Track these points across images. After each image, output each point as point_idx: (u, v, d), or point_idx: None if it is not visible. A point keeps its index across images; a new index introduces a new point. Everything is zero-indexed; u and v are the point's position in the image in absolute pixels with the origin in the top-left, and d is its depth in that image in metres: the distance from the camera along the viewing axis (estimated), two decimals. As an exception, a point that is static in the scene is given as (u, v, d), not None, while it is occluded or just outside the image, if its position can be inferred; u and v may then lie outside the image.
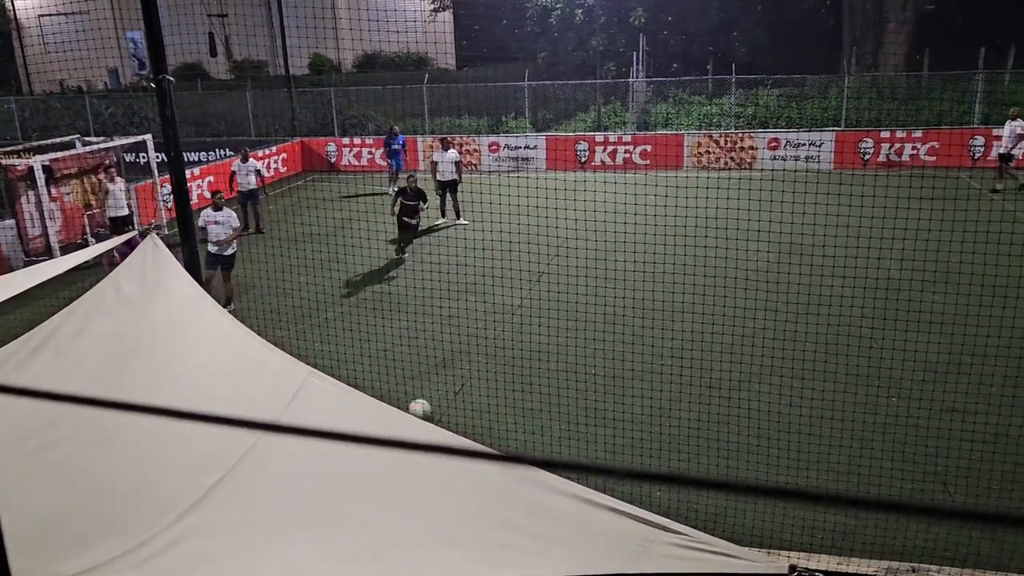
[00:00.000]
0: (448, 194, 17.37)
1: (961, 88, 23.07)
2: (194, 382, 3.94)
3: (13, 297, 4.52)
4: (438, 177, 17.32)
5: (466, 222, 16.97)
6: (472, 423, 8.44)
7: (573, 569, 2.73)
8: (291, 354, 4.38)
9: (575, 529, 2.90)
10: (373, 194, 20.97)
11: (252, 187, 17.55)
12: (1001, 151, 18.71)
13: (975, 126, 21.98)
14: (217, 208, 12.37)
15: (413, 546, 2.94)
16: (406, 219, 14.65)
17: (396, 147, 21.42)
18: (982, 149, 21.32)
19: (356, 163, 24.92)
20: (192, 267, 4.85)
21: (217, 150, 25.21)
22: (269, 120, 27.55)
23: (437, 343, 10.46)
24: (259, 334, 4.55)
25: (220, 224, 12.22)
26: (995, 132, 21.25)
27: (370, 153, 24.82)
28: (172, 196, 5.80)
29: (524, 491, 3.02)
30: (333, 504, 3.17)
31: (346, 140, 25.19)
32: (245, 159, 17.70)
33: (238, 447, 3.39)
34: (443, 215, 17.44)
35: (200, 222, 11.87)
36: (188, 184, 19.53)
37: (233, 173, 17.94)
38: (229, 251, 12.28)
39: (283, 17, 26.67)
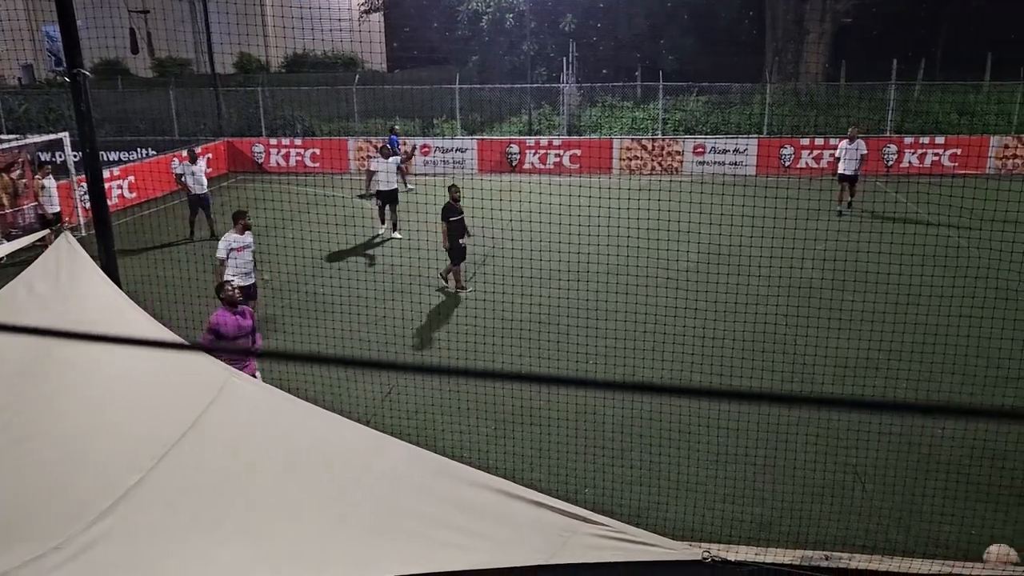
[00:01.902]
0: (388, 205, 16.19)
1: (875, 98, 24.08)
2: (111, 383, 3.85)
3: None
4: (379, 187, 16.04)
5: (400, 236, 16.01)
6: (402, 424, 8.42)
7: (496, 562, 2.78)
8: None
9: (497, 522, 2.95)
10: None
11: (206, 190, 16.85)
12: (845, 172, 17.41)
13: (888, 135, 22.94)
14: (245, 230, 10.56)
15: (336, 543, 2.94)
16: (462, 241, 12.68)
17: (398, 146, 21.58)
18: (895, 156, 22.28)
19: (284, 164, 24.53)
20: (110, 267, 4.72)
21: (139, 149, 24.47)
22: (194, 119, 26.86)
23: (366, 345, 10.39)
24: (184, 337, 4.48)
25: (249, 248, 10.65)
26: (906, 141, 22.25)
27: (299, 154, 24.46)
28: (88, 195, 5.64)
29: (446, 486, 3.06)
30: (254, 504, 3.15)
31: (274, 141, 24.77)
32: (194, 160, 16.91)
33: (157, 447, 3.33)
34: (383, 222, 16.33)
35: (221, 252, 10.41)
36: (107, 184, 18.92)
37: (179, 176, 17.10)
38: (248, 282, 10.56)
39: (207, 14, 26.06)
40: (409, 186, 20.91)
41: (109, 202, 19.04)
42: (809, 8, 27.77)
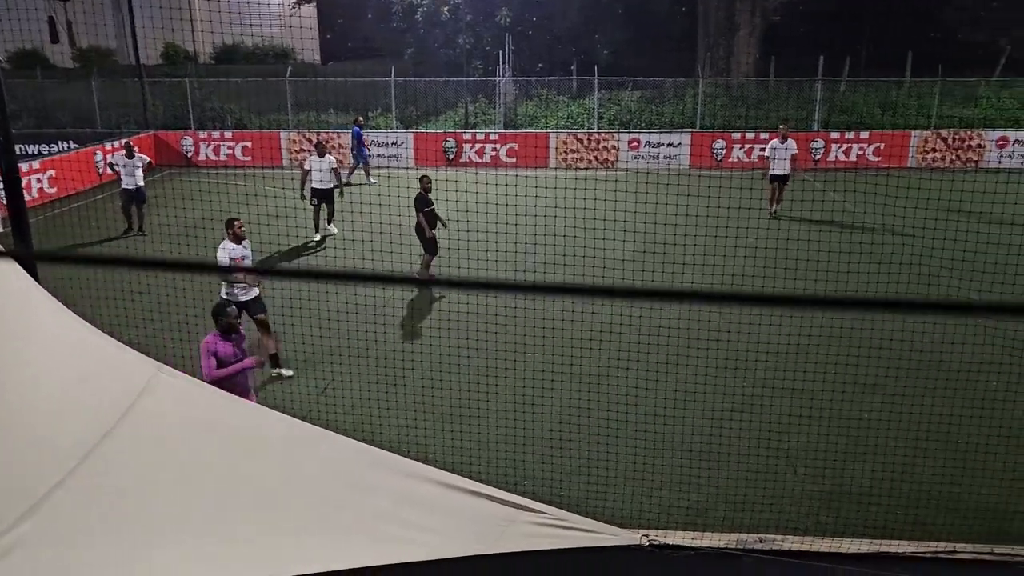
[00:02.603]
0: (324, 204, 15.66)
1: (803, 94, 24.72)
2: (29, 382, 3.67)
3: None
4: (314, 185, 15.43)
5: (335, 231, 15.77)
6: (339, 420, 8.30)
7: (435, 553, 2.75)
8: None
9: (436, 514, 2.91)
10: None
11: (140, 184, 16.32)
12: (776, 172, 16.91)
13: (816, 130, 23.59)
14: (238, 240, 9.83)
15: (271, 540, 2.87)
16: (430, 233, 12.70)
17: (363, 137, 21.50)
18: (822, 151, 22.93)
19: (215, 158, 23.92)
20: (27, 264, 4.50)
21: (60, 142, 23.52)
22: (118, 111, 25.95)
23: (300, 342, 10.20)
24: (113, 335, 4.30)
25: (247, 259, 10.00)
26: (832, 135, 22.92)
27: (229, 148, 23.88)
28: (3, 188, 5.37)
29: (384, 479, 3.01)
30: (186, 501, 3.04)
31: (203, 134, 24.12)
32: (131, 154, 16.36)
33: (79, 448, 3.18)
34: (317, 228, 15.78)
35: (223, 257, 9.65)
36: (25, 178, 18.17)
37: (111, 165, 16.61)
38: (253, 293, 9.71)
39: (131, 2, 25.19)
40: (372, 180, 20.85)
41: (28, 197, 18.33)
42: (739, 5, 28.35)
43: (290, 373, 9.71)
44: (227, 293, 9.45)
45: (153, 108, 25.45)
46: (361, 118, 22.02)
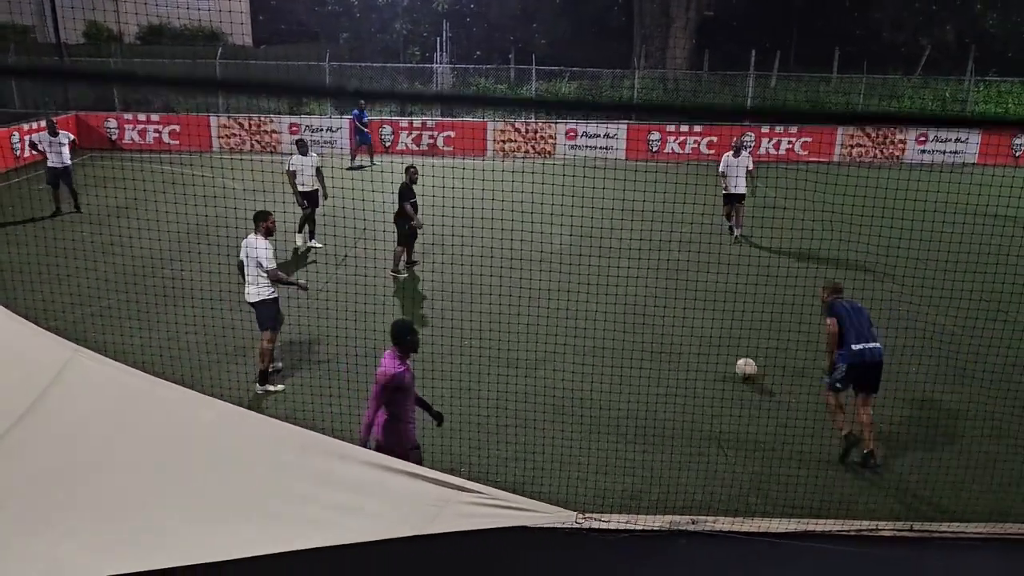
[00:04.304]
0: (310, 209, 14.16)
1: (735, 88, 25.24)
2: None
3: None
4: (300, 188, 13.91)
5: (320, 245, 14.19)
6: (274, 408, 8.12)
7: (367, 535, 2.69)
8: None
9: (368, 496, 2.86)
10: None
11: (67, 163, 15.63)
12: (734, 190, 15.14)
13: (746, 123, 24.10)
14: (269, 234, 8.91)
15: (193, 527, 2.77)
16: (415, 224, 12.56)
17: (366, 121, 21.13)
18: (752, 144, 23.44)
19: (141, 141, 23.15)
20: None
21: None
22: (37, 91, 24.85)
23: (231, 331, 9.94)
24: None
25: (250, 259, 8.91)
26: (763, 129, 23.45)
27: (156, 131, 23.13)
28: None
29: (313, 461, 2.94)
30: (103, 488, 2.92)
31: (129, 116, 23.30)
32: (54, 132, 15.66)
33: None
34: (312, 236, 14.39)
35: (271, 262, 8.80)
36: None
37: (34, 144, 15.90)
38: (265, 294, 8.92)
39: (52, -22, 24.15)
40: (375, 162, 20.91)
41: (-65, 177, 17.34)
42: (674, -2, 28.74)
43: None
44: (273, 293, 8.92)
45: (74, 89, 24.45)
46: (363, 100, 21.56)
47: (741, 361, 9.35)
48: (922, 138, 23.57)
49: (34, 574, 2.62)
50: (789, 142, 23.51)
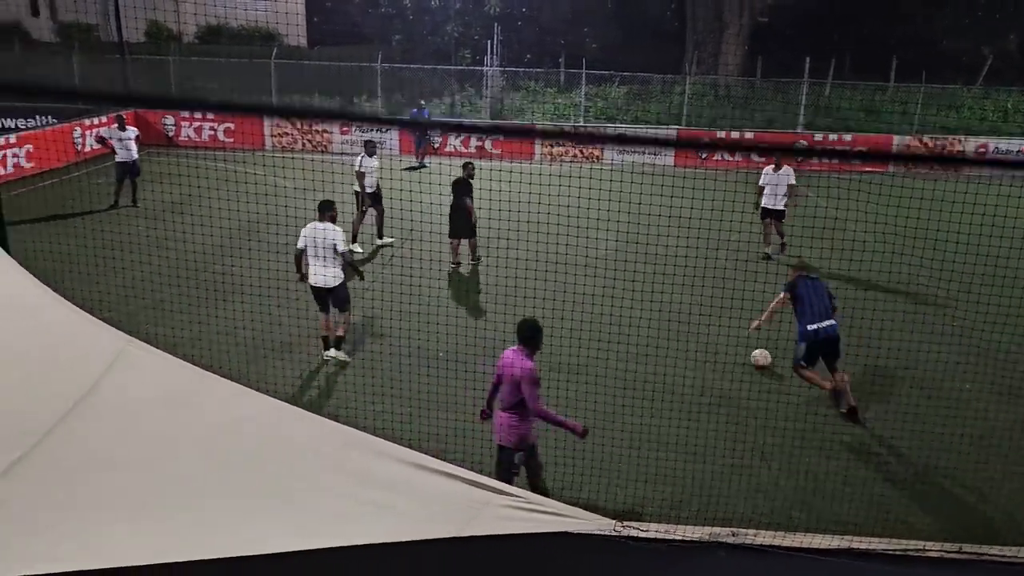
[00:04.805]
0: (375, 208, 14.29)
1: (789, 95, 24.84)
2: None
3: None
4: (367, 189, 14.04)
5: (392, 240, 14.45)
6: (317, 403, 8.23)
7: (406, 534, 2.71)
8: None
9: (407, 494, 2.87)
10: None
11: (135, 158, 16.18)
12: (769, 206, 14.31)
13: (799, 131, 23.71)
14: (324, 219, 9.40)
15: (238, 517, 2.82)
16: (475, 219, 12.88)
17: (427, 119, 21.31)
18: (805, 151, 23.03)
19: (196, 138, 23.66)
20: (-3, 231, 4.41)
21: (38, 117, 23.15)
22: (100, 88, 25.59)
23: (278, 327, 10.10)
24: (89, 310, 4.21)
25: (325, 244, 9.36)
26: (816, 137, 23.04)
27: (212, 129, 23.63)
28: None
29: (356, 458, 2.97)
30: (152, 475, 2.99)
31: (186, 114, 23.83)
32: (123, 127, 16.23)
33: (42, 423, 3.11)
34: (380, 235, 14.51)
35: (301, 243, 9.36)
36: (3, 152, 17.90)
37: (102, 139, 16.50)
38: (341, 277, 9.48)
39: (116, -22, 24.87)
40: (426, 163, 20.98)
41: (3, 171, 18.12)
42: (728, 4, 28.41)
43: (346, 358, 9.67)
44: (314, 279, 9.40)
45: (135, 86, 25.11)
46: (423, 100, 21.79)
47: (756, 352, 9.75)
48: (981, 149, 22.93)
49: (85, 557, 2.69)
50: (843, 151, 23.05)
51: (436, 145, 22.98)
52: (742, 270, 11.61)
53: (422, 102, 21.98)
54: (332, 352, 9.54)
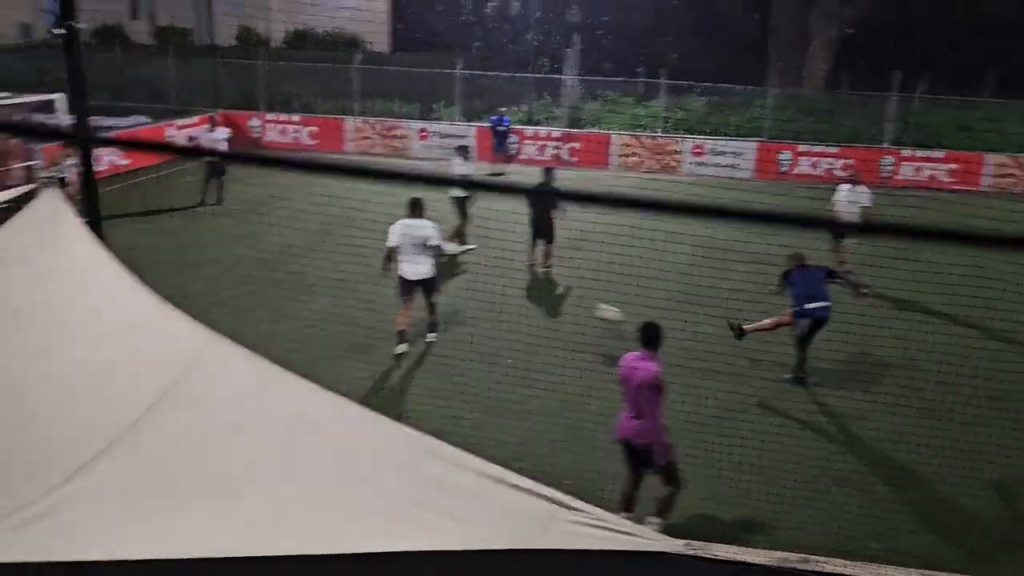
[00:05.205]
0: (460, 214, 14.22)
1: (876, 108, 24.06)
2: (89, 344, 3.76)
3: None
4: (452, 192, 13.74)
5: (473, 246, 14.03)
6: (386, 406, 8.34)
7: (469, 544, 2.72)
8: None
9: (473, 503, 2.88)
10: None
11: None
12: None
13: (885, 146, 22.96)
14: (416, 216, 9.94)
15: (310, 517, 2.87)
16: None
17: (502, 129, 21.36)
18: (891, 167, 22.30)
19: (281, 140, 24.35)
20: (94, 225, 4.61)
21: (134, 116, 24.20)
22: (191, 89, 26.59)
23: (352, 328, 10.29)
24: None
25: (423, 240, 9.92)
26: (904, 153, 22.28)
27: (296, 131, 24.28)
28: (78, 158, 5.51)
29: (427, 464, 3.00)
30: (230, 471, 3.07)
31: (271, 116, 24.56)
32: (214, 127, 16.94)
33: (128, 413, 3.24)
34: (463, 241, 14.33)
35: (394, 240, 9.82)
36: (99, 150, 18.71)
37: (192, 139, 17.25)
38: (434, 272, 10.11)
39: (211, -16, 25.83)
40: (506, 171, 20.98)
41: (99, 168, 18.99)
42: (814, 15, 27.75)
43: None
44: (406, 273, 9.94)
45: (225, 88, 25.99)
46: (502, 108, 22.02)
47: (603, 305, 10.16)
48: (1084, 170, 21.79)
49: (163, 548, 2.78)
50: (933, 168, 22.23)
51: (512, 153, 23.06)
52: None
53: (502, 109, 22.08)
54: (431, 335, 10.34)
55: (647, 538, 2.96)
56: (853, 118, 24.20)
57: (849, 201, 13.24)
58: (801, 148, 22.73)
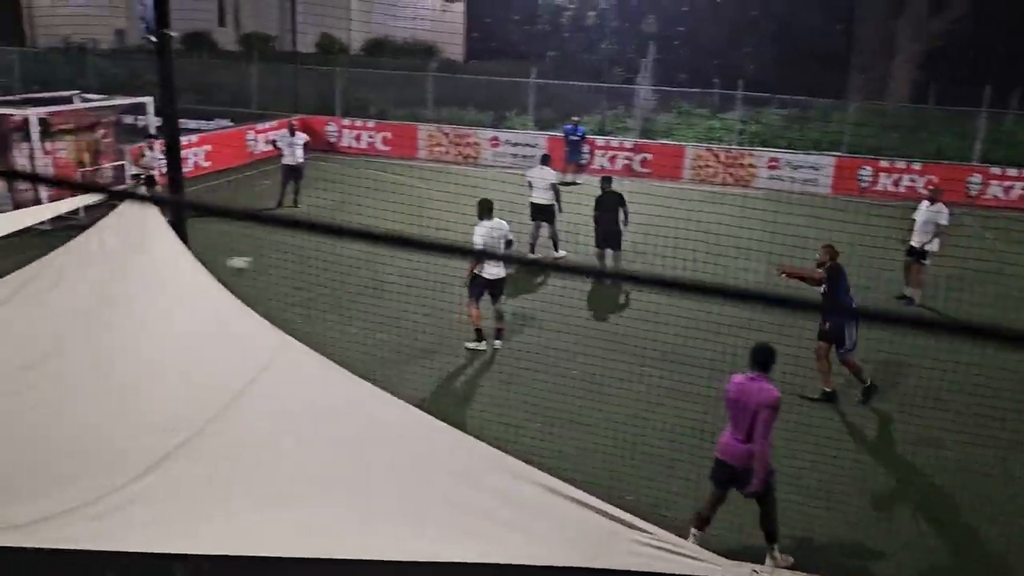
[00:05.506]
0: (545, 223, 14.15)
1: (963, 124, 23.16)
2: (169, 342, 3.89)
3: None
4: (533, 200, 14.03)
5: (563, 253, 14.20)
6: (449, 411, 8.40)
7: (530, 558, 2.70)
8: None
9: (536, 517, 2.87)
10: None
11: (300, 162, 17.37)
12: (915, 244, 12.82)
13: (974, 163, 22.08)
14: (490, 218, 10.21)
15: (373, 522, 2.91)
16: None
17: (575, 139, 21.51)
18: (979, 186, 21.43)
19: (356, 145, 24.82)
20: (178, 226, 4.77)
21: (217, 119, 25.03)
22: (272, 94, 27.35)
23: (421, 333, 10.40)
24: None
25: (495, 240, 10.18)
26: (992, 171, 21.39)
27: (370, 137, 24.72)
28: (165, 158, 5.72)
29: (491, 477, 3.00)
30: (299, 474, 3.13)
31: (347, 121, 25.05)
32: (293, 132, 17.48)
33: (207, 409, 3.34)
34: (556, 247, 14.35)
35: (480, 241, 10.06)
36: (185, 151, 19.42)
37: (274, 142, 17.85)
38: (504, 272, 10.26)
39: (295, -7, 26.58)
40: (578, 180, 20.83)
41: (184, 169, 19.56)
42: (900, 26, 26.92)
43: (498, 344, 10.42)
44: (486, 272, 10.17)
45: (303, 94, 26.66)
46: (575, 117, 22.06)
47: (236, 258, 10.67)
48: None
49: (231, 545, 2.85)
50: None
51: (585, 162, 23.00)
52: (885, 304, 10.92)
53: (575, 118, 22.01)
54: (497, 342, 10.40)
55: (712, 563, 2.90)
56: (939, 134, 23.35)
57: (924, 220, 12.77)
58: (883, 164, 22.04)
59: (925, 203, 13.11)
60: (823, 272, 9.24)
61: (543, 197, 13.92)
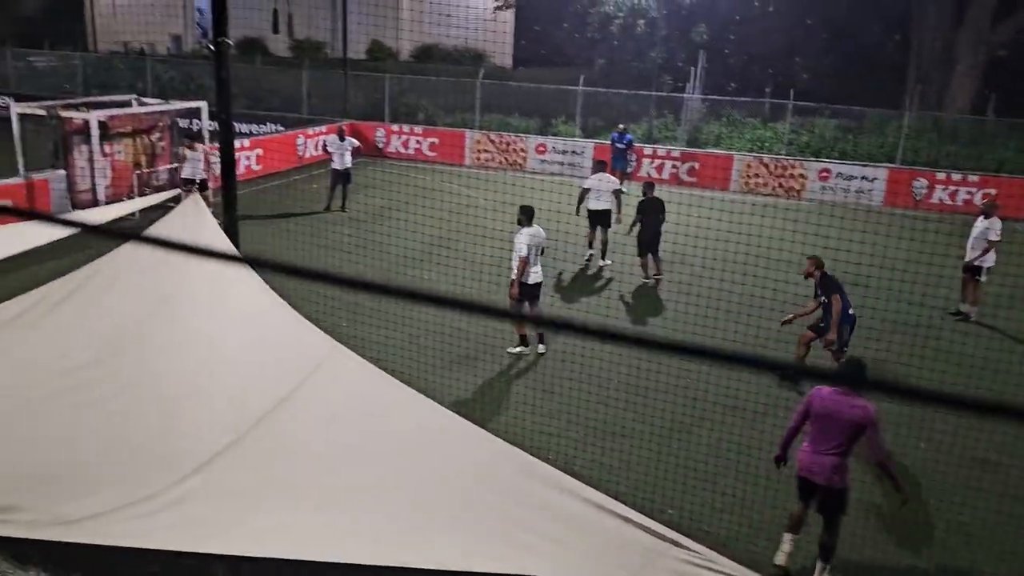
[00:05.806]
0: (599, 227, 14.19)
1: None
2: (221, 343, 3.95)
3: (47, 246, 4.57)
4: (589, 206, 14.01)
5: (609, 262, 14.15)
6: (490, 418, 8.40)
7: (575, 573, 2.67)
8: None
9: (581, 533, 2.84)
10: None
11: (348, 166, 17.64)
12: (967, 259, 12.45)
13: (1035, 177, 21.40)
14: (532, 224, 10.26)
15: (414, 529, 2.91)
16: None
17: (621, 146, 21.48)
18: None
19: (403, 151, 25.03)
20: (231, 231, 4.86)
21: (268, 124, 25.49)
22: (322, 100, 27.77)
23: (463, 337, 10.43)
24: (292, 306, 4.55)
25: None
26: (1055, 185, 20.69)
27: (418, 143, 24.91)
28: (219, 161, 5.83)
29: (534, 488, 2.98)
30: (341, 479, 3.15)
31: (395, 127, 25.29)
32: (342, 137, 17.76)
33: (255, 412, 3.38)
34: (591, 246, 14.42)
35: (525, 249, 10.02)
36: (237, 154, 19.72)
37: (324, 146, 18.18)
38: (542, 276, 10.49)
39: (346, 1, 26.92)
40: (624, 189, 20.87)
41: (236, 172, 19.94)
42: (961, 36, 26.25)
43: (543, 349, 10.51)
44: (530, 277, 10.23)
45: (353, 100, 27.01)
46: (622, 124, 21.97)
47: None
48: None
49: (275, 547, 2.88)
50: (1086, 202, 20.53)
51: (631, 170, 22.88)
52: (950, 329, 10.64)
53: (622, 126, 21.86)
54: (541, 346, 10.49)
55: (757, 584, 2.85)
56: (999, 146, 22.71)
57: (976, 235, 12.36)
58: (939, 176, 21.50)
59: (980, 218, 12.69)
60: (815, 302, 9.70)
61: (603, 202, 13.98)
